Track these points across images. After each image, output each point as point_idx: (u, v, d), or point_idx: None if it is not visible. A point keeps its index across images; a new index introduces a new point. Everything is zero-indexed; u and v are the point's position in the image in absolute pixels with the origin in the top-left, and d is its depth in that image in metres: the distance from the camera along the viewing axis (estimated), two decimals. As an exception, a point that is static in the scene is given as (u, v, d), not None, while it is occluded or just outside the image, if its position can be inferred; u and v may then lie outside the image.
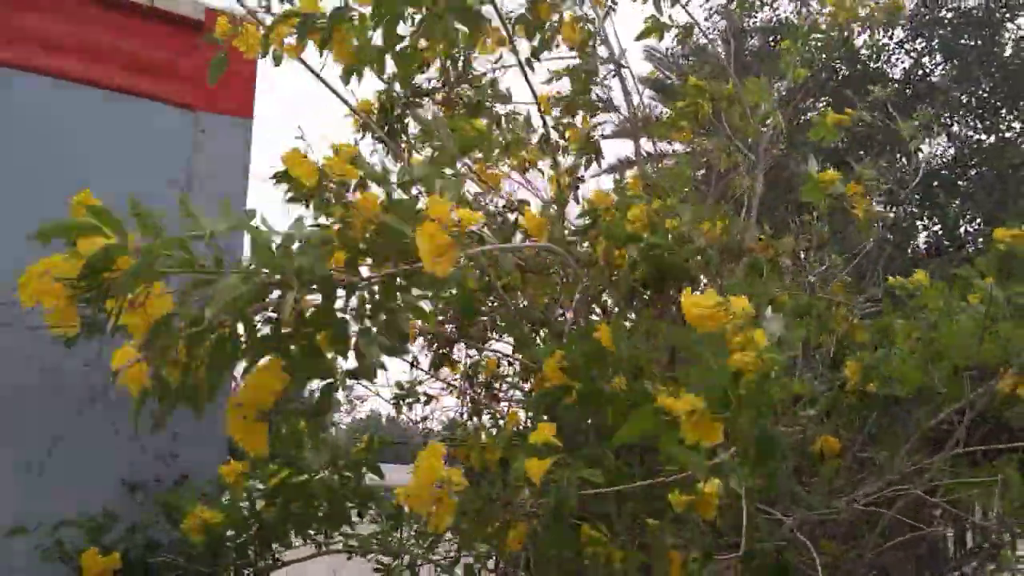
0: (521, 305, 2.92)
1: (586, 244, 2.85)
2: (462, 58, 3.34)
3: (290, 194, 2.21)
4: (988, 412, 2.50)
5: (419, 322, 3.37)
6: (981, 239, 10.11)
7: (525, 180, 3.58)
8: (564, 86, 3.55)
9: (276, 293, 1.49)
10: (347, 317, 1.61)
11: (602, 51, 3.48)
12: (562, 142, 3.50)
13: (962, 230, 10.97)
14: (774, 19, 12.49)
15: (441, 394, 3.72)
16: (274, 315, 1.52)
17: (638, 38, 3.65)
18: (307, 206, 2.10)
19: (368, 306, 1.66)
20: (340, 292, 1.60)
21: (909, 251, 10.12)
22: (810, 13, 3.98)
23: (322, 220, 1.80)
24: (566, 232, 2.88)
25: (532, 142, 3.49)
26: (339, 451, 2.42)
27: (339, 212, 1.65)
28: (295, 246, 1.51)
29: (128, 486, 2.85)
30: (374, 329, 1.65)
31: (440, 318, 3.34)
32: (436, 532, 2.21)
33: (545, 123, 3.34)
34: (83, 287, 1.38)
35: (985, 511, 3.06)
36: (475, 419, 3.56)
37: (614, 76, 3.61)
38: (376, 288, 1.65)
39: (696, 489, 1.81)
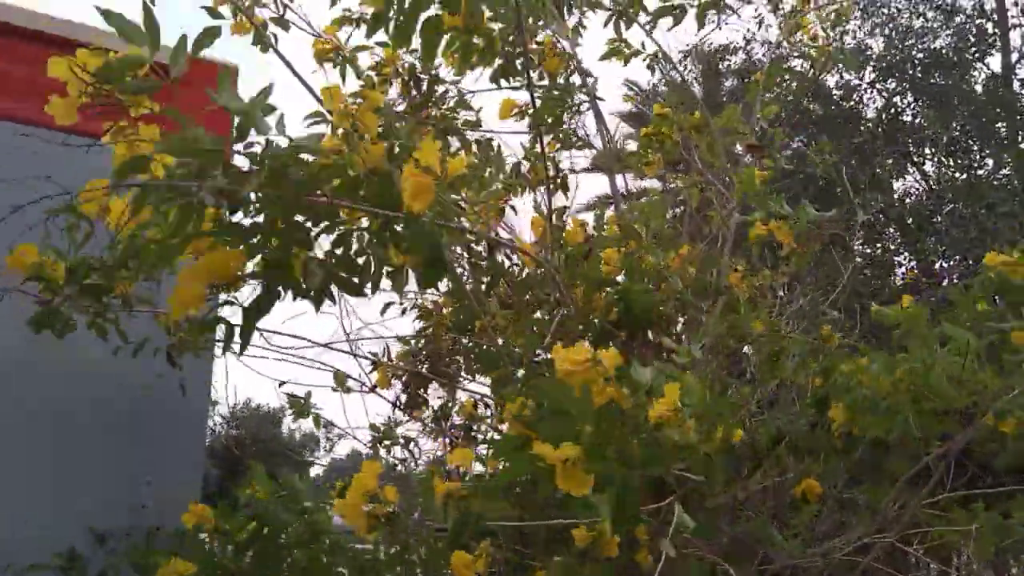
0: (500, 344, 2.87)
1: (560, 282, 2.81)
2: (426, 77, 3.28)
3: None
4: (970, 454, 2.47)
5: (394, 360, 3.33)
6: (957, 275, 10.17)
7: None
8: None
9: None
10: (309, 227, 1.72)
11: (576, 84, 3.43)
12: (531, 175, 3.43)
13: (938, 266, 11.05)
14: (748, 62, 12.67)
15: (419, 437, 3.65)
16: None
17: (602, 58, 3.63)
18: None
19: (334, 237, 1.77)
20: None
21: (886, 288, 10.16)
22: (779, 49, 4.01)
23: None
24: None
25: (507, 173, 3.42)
26: (304, 497, 2.36)
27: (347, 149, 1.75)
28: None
29: (97, 536, 2.76)
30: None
31: (413, 358, 3.29)
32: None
33: (543, 154, 3.27)
34: (99, 84, 1.52)
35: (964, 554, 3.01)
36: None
37: (588, 109, 3.58)
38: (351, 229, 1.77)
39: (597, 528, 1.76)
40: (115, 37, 1.54)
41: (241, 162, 1.64)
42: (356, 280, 1.81)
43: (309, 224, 1.75)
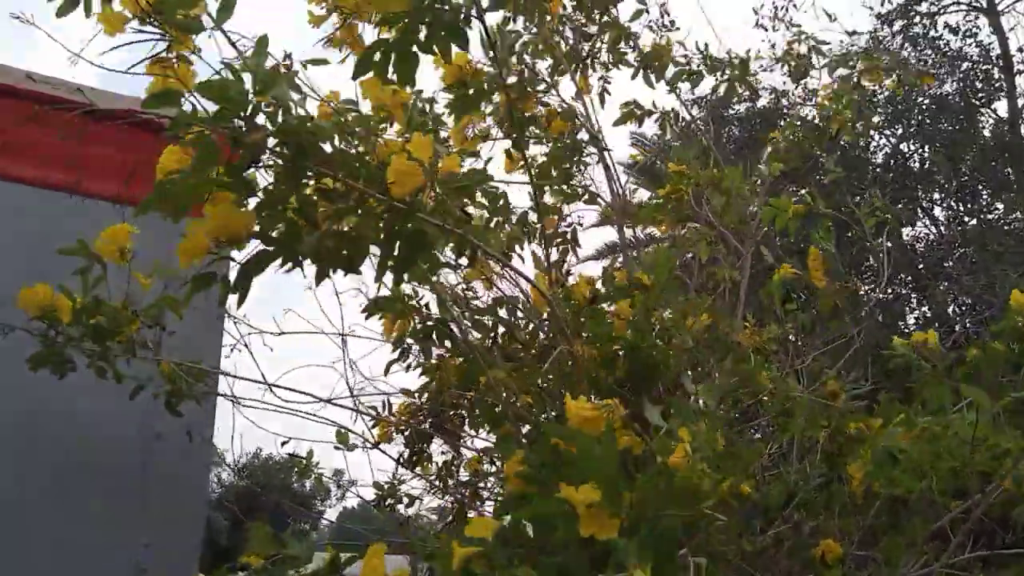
0: (503, 400, 2.82)
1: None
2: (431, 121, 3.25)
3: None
4: (989, 510, 2.40)
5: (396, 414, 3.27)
6: (969, 321, 10.10)
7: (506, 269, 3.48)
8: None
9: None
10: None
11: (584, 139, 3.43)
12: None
13: (950, 310, 10.98)
14: (753, 108, 12.73)
15: (424, 494, 3.58)
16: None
17: (616, 124, 3.64)
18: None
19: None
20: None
21: (897, 334, 10.09)
22: (793, 105, 4.02)
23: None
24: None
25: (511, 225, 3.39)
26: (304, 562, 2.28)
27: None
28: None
29: None
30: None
31: (416, 413, 3.24)
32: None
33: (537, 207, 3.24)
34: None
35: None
36: (460, 520, 3.42)
37: (598, 163, 3.57)
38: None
39: None
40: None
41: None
42: (347, 254, 1.84)
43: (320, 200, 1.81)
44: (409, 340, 3.02)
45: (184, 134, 1.63)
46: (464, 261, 2.55)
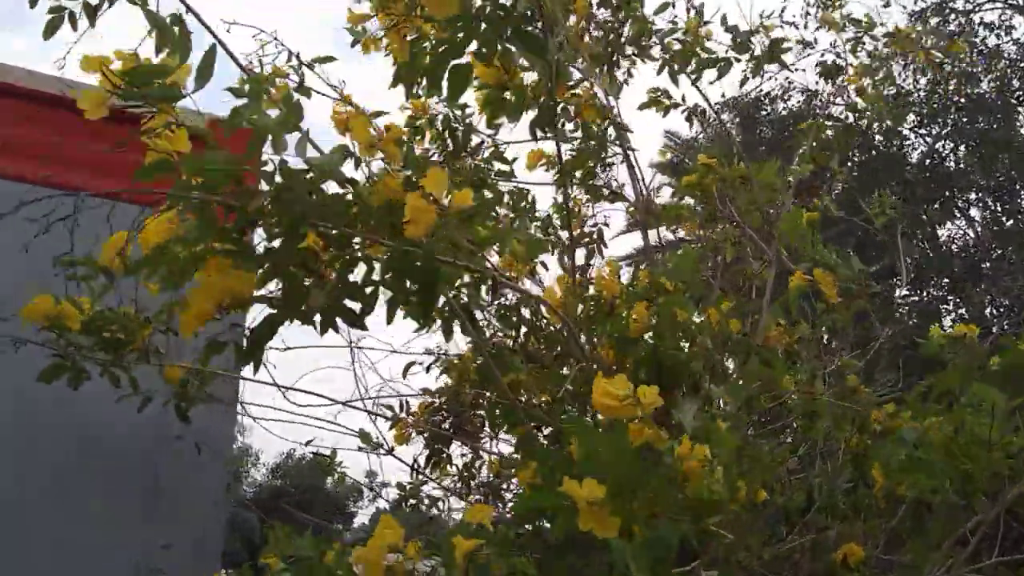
0: (524, 401, 2.81)
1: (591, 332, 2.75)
2: (462, 128, 3.24)
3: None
4: (1017, 515, 2.35)
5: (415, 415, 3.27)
6: (1007, 323, 9.92)
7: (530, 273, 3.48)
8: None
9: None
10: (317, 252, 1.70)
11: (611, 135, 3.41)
12: (564, 235, 3.39)
13: (987, 312, 10.80)
14: (785, 109, 12.62)
15: (446, 496, 3.57)
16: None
17: (641, 108, 3.61)
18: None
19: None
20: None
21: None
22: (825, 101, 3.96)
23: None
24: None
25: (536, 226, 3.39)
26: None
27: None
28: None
29: None
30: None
31: (436, 416, 3.24)
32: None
33: (567, 208, 3.22)
34: (123, 85, 1.58)
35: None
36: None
37: (622, 162, 3.55)
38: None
39: None
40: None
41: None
42: (358, 309, 1.77)
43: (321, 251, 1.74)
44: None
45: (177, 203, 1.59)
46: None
